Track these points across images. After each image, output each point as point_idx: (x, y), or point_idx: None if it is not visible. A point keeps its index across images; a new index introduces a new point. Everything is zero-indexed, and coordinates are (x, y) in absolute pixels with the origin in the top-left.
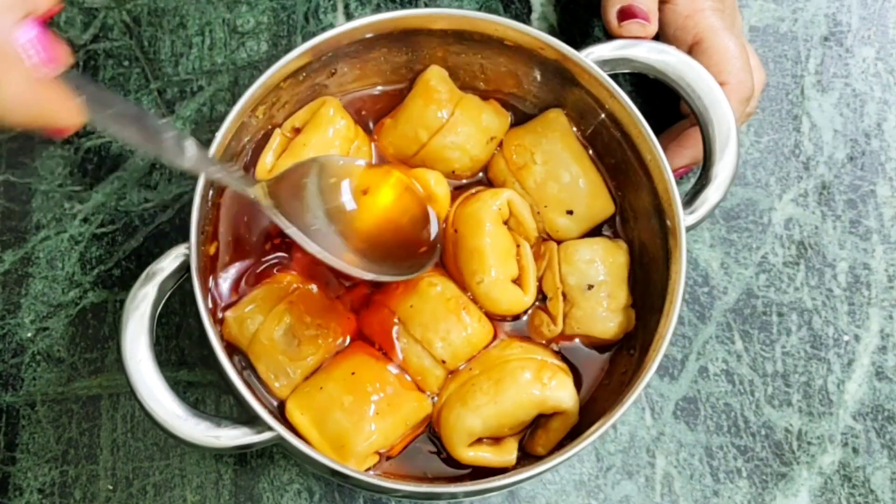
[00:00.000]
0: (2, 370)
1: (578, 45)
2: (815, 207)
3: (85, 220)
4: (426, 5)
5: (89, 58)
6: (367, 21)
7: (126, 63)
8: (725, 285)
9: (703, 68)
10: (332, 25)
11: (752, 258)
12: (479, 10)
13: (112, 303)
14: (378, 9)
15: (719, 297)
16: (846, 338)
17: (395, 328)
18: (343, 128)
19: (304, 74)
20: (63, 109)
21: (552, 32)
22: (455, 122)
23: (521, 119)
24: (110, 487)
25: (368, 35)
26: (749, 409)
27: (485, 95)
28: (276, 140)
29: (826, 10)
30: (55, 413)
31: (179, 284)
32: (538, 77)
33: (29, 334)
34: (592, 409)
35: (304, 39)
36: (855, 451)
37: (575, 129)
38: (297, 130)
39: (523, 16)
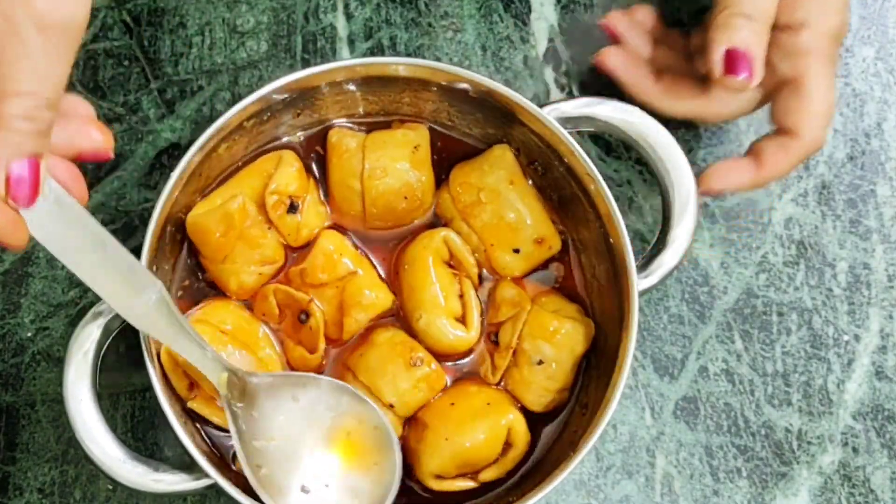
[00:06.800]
0: (2, 370)
1: (580, 47)
2: (815, 207)
3: None
4: (426, 5)
5: (89, 58)
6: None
7: (126, 63)
8: (725, 285)
9: (665, 130)
10: (332, 26)
11: (752, 258)
12: (479, 9)
13: None
14: (378, 9)
15: (719, 296)
16: (846, 337)
17: (346, 377)
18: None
19: (268, 114)
20: (7, 231)
21: (552, 32)
22: (370, 153)
23: (470, 153)
24: (110, 487)
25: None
26: (749, 408)
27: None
28: None
29: None
30: (55, 413)
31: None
32: (486, 118)
33: (29, 334)
34: (543, 464)
35: (304, 39)
36: (855, 450)
37: (522, 163)
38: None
39: (523, 15)
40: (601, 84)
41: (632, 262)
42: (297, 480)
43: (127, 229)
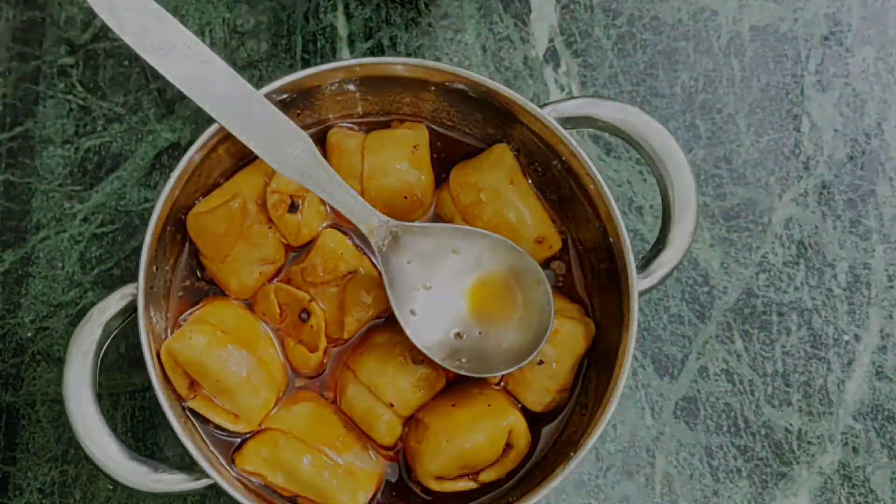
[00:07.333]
0: (2, 370)
1: (580, 46)
2: (815, 207)
3: (85, 220)
4: (426, 5)
5: (89, 58)
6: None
7: (126, 63)
8: (725, 285)
9: (665, 130)
10: (331, 25)
11: (752, 258)
12: (479, 10)
13: None
14: (378, 9)
15: (719, 296)
16: (846, 337)
17: (346, 376)
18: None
19: None
20: None
21: (552, 32)
22: (369, 153)
23: (469, 153)
24: (110, 487)
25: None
26: (749, 408)
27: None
28: None
29: (826, 9)
30: (55, 413)
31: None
32: (486, 118)
33: (29, 334)
34: (543, 464)
35: (304, 39)
36: (855, 450)
37: (522, 162)
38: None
39: (523, 15)
40: (601, 84)
41: (632, 262)
42: (450, 327)
43: (127, 229)
